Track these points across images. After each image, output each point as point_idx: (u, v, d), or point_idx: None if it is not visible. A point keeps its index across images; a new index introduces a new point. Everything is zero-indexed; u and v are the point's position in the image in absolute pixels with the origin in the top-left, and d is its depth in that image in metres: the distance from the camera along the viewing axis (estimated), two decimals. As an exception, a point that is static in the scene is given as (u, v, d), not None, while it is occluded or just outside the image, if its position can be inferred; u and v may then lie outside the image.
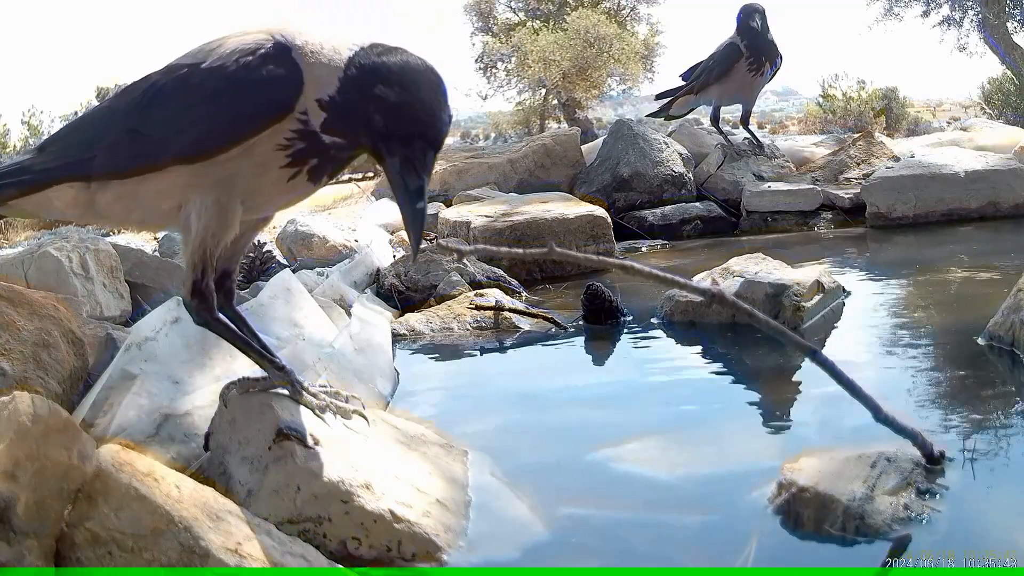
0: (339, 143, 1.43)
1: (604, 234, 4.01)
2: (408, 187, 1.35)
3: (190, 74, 1.46)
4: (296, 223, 4.19)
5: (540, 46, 13.83)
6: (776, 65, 5.26)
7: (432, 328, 2.87)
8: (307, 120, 1.41)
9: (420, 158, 1.35)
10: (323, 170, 1.49)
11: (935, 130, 9.41)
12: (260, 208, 1.58)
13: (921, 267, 3.58)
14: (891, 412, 1.53)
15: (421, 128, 1.35)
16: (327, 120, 1.40)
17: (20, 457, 1.11)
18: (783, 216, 4.84)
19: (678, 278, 1.62)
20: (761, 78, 5.25)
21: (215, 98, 1.43)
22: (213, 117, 1.43)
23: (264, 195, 1.51)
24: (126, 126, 1.51)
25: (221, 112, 1.42)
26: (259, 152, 1.42)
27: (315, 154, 1.44)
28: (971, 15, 12.30)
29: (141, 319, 2.01)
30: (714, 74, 5.30)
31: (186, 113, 1.46)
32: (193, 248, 1.48)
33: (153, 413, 1.66)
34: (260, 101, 1.39)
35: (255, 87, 1.40)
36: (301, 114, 1.40)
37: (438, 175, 5.67)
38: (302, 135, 1.42)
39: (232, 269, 1.65)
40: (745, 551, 1.36)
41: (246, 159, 1.43)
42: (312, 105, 1.40)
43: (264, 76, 1.40)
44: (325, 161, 1.47)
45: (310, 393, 1.58)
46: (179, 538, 1.15)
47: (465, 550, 1.42)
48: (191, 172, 1.45)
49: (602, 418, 2.10)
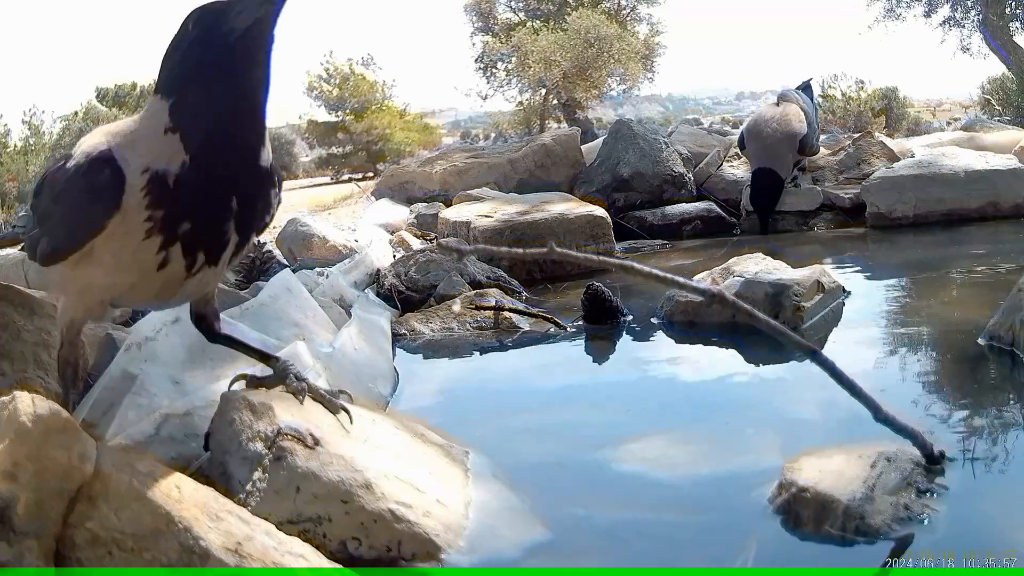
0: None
1: (604, 234, 4.01)
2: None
3: (57, 171, 1.48)
4: (296, 223, 4.19)
5: (540, 46, 13.81)
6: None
7: (432, 328, 2.87)
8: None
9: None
10: (198, 241, 1.40)
11: (935, 130, 9.40)
12: (152, 302, 1.58)
13: (921, 267, 3.58)
14: (891, 412, 1.53)
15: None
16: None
17: (20, 457, 1.11)
18: (783, 216, 4.83)
19: (678, 278, 1.62)
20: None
21: (58, 202, 1.46)
22: (58, 226, 1.45)
23: (144, 289, 1.47)
24: (33, 208, 1.57)
25: (63, 219, 1.44)
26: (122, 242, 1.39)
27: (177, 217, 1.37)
28: (972, 15, 12.30)
29: (141, 319, 2.01)
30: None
31: (48, 214, 1.49)
32: (60, 329, 1.55)
33: (153, 413, 1.66)
34: (85, 212, 1.38)
35: (81, 196, 1.39)
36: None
37: (438, 175, 5.67)
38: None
39: (205, 312, 1.66)
40: (745, 551, 1.36)
41: (111, 254, 1.40)
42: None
43: (86, 186, 1.38)
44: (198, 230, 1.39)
45: (299, 378, 1.62)
46: (179, 538, 1.15)
47: (465, 550, 1.42)
48: (60, 274, 1.48)
49: (602, 418, 2.10)
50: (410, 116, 14.87)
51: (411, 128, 14.52)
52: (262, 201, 1.47)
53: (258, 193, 1.45)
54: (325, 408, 1.60)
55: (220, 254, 1.44)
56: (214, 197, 1.39)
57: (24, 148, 12.24)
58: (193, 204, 1.37)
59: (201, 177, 1.35)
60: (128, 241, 1.37)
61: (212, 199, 1.39)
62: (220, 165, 1.37)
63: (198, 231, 1.39)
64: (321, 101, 14.39)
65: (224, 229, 1.41)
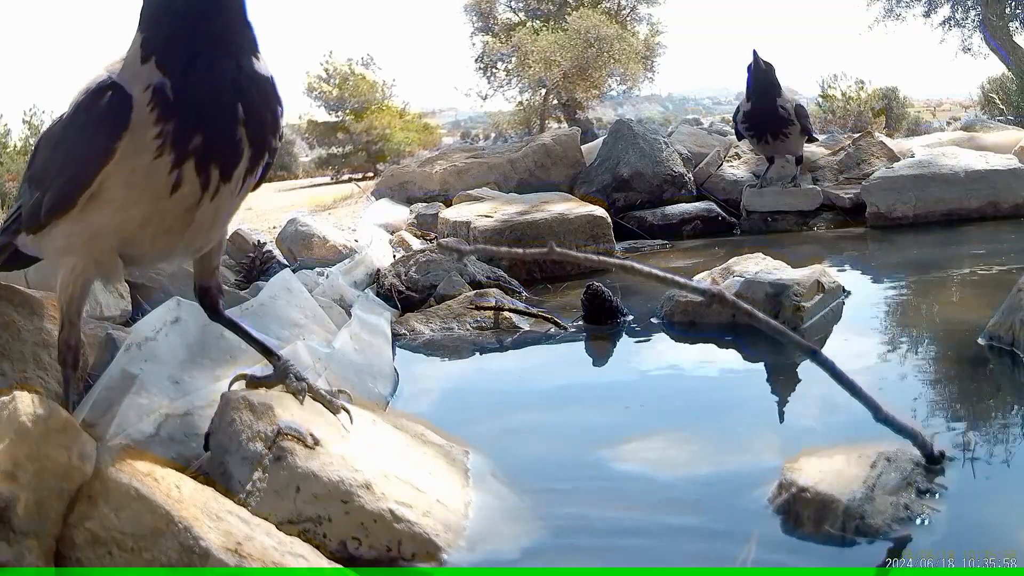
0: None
1: (604, 234, 4.00)
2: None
3: (52, 125, 1.48)
4: (296, 223, 4.19)
5: (540, 46, 13.81)
6: (781, 133, 4.82)
7: (432, 328, 2.87)
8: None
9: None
10: (211, 160, 1.37)
11: (935, 130, 9.40)
12: (160, 247, 1.52)
13: (921, 267, 3.58)
14: (891, 412, 1.53)
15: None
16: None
17: (20, 457, 1.11)
18: (783, 216, 4.83)
19: (678, 278, 1.62)
20: (772, 143, 4.86)
21: (60, 148, 1.44)
22: (62, 170, 1.42)
23: (155, 224, 1.44)
24: (28, 178, 1.55)
25: (68, 161, 1.41)
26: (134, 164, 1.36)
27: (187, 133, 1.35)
28: (972, 15, 12.29)
29: (141, 319, 2.01)
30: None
31: (47, 168, 1.47)
32: (60, 309, 1.52)
33: (153, 413, 1.66)
34: (93, 141, 1.36)
35: (86, 128, 1.38)
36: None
37: (438, 175, 5.67)
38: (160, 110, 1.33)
39: (209, 286, 1.66)
40: (745, 551, 1.36)
41: (121, 186, 1.37)
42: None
43: (91, 115, 1.37)
44: (211, 146, 1.36)
45: (299, 378, 1.62)
46: (179, 538, 1.15)
47: (465, 550, 1.42)
48: (64, 232, 1.46)
49: (602, 418, 2.10)
50: (410, 116, 14.87)
51: (411, 128, 14.52)
52: (269, 111, 1.42)
53: (263, 101, 1.41)
54: (325, 408, 1.60)
55: (234, 168, 1.40)
56: (221, 104, 1.35)
57: (24, 148, 12.22)
58: (199, 114, 1.34)
59: (204, 87, 1.33)
60: (139, 163, 1.34)
61: (219, 106, 1.35)
62: (208, 78, 1.34)
63: (210, 142, 1.35)
64: (321, 101, 14.39)
65: (236, 138, 1.38)
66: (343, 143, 14.08)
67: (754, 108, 4.85)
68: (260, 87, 1.41)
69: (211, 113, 1.35)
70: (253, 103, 1.39)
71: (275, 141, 1.47)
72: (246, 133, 1.39)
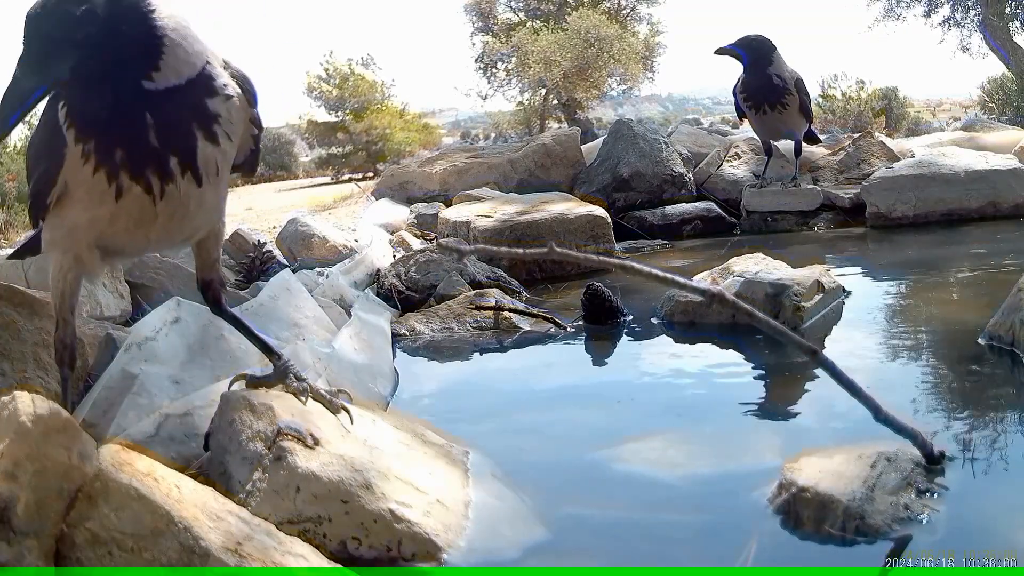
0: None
1: (604, 234, 4.01)
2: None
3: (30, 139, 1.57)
4: (296, 223, 4.19)
5: (540, 46, 13.81)
6: (779, 103, 4.84)
7: (432, 328, 2.87)
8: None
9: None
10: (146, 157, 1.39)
11: (935, 130, 9.40)
12: (138, 240, 1.53)
13: (921, 267, 3.58)
14: (891, 412, 1.53)
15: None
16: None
17: (20, 457, 1.11)
18: (783, 216, 4.83)
19: (678, 278, 1.62)
20: (771, 114, 4.86)
21: (33, 148, 1.53)
22: (36, 167, 1.49)
23: (123, 220, 1.46)
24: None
25: (39, 162, 1.48)
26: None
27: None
28: (972, 15, 12.29)
29: (141, 319, 2.01)
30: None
31: (31, 165, 1.54)
32: (54, 307, 1.56)
33: (153, 413, 1.66)
34: (51, 146, 1.43)
35: (46, 132, 1.45)
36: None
37: (438, 175, 5.67)
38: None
39: (211, 279, 1.67)
40: (745, 551, 1.36)
41: (81, 188, 1.42)
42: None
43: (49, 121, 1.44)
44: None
45: (300, 378, 1.62)
46: (179, 538, 1.15)
47: (465, 550, 1.42)
48: (50, 225, 1.51)
49: (602, 418, 2.10)
50: (410, 116, 14.86)
51: (411, 128, 14.51)
52: (184, 113, 1.41)
53: (175, 107, 1.41)
54: (325, 408, 1.60)
55: (168, 172, 1.40)
56: (127, 119, 1.38)
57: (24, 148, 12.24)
58: (110, 131, 1.38)
59: (105, 107, 1.37)
60: (83, 176, 1.41)
61: (126, 121, 1.38)
62: (109, 98, 1.37)
63: (132, 153, 1.38)
64: (321, 101, 14.38)
65: (152, 147, 1.38)
66: (343, 143, 14.07)
67: (748, 77, 4.89)
68: (173, 95, 1.41)
69: (120, 128, 1.39)
70: (161, 111, 1.40)
71: (202, 140, 1.44)
72: (158, 140, 1.40)
